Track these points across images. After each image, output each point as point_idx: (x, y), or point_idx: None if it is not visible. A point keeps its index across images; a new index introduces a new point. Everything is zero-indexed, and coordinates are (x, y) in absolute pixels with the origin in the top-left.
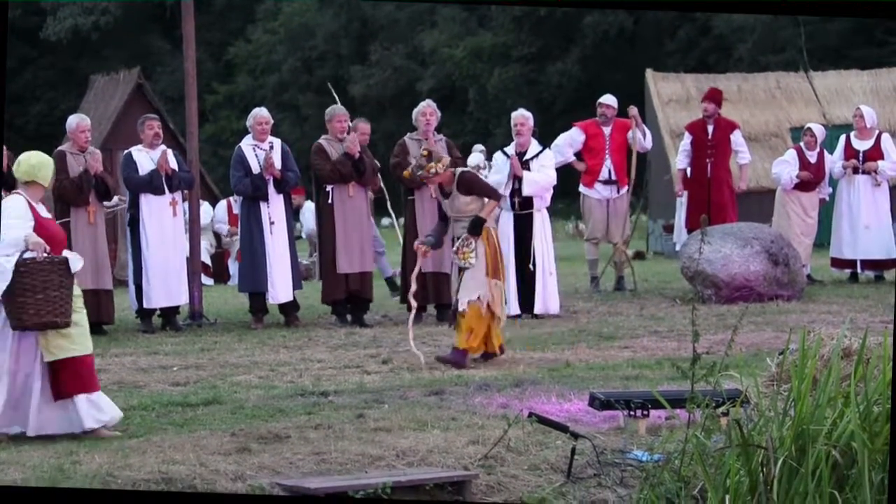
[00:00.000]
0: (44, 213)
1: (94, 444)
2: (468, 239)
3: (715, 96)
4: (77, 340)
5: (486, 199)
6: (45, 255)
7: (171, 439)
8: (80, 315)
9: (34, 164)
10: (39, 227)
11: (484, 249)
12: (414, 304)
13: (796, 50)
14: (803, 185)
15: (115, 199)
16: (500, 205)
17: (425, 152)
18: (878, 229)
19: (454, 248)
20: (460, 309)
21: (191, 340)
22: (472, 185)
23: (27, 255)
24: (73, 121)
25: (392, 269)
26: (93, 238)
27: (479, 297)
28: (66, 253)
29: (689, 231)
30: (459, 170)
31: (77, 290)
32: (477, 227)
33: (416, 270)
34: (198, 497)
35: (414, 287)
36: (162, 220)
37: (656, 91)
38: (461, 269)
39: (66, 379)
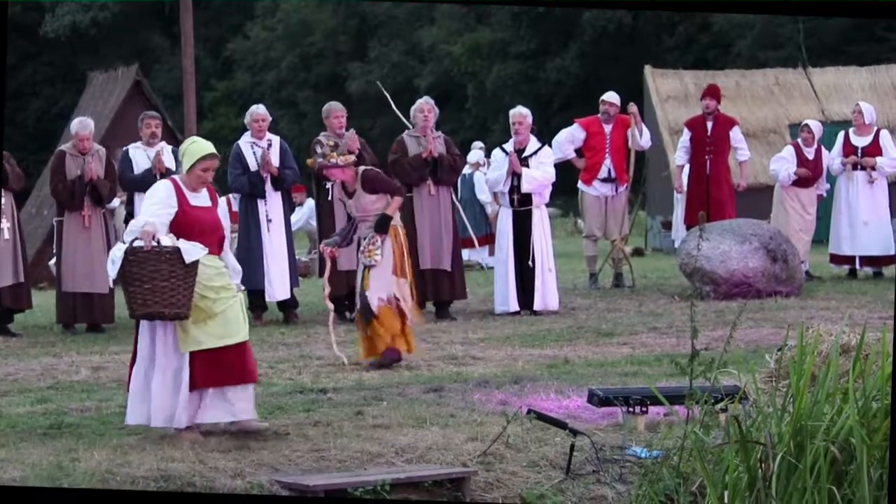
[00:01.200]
0: (198, 199)
1: (94, 442)
2: (375, 237)
3: (714, 92)
4: (214, 332)
5: (391, 197)
6: (155, 244)
7: (170, 437)
8: (222, 304)
9: (182, 149)
10: (183, 213)
11: (391, 247)
12: (330, 306)
13: (795, 46)
14: (801, 182)
15: (116, 200)
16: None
17: (331, 143)
18: (877, 226)
19: (360, 248)
20: (374, 310)
21: None
22: (376, 183)
23: (137, 242)
24: (74, 125)
25: None
26: (86, 242)
27: (387, 298)
28: (182, 242)
29: (689, 228)
30: (362, 168)
31: (224, 282)
32: (383, 224)
33: (327, 272)
34: (198, 497)
35: (327, 289)
36: None
37: (655, 88)
38: (367, 267)
39: (199, 370)
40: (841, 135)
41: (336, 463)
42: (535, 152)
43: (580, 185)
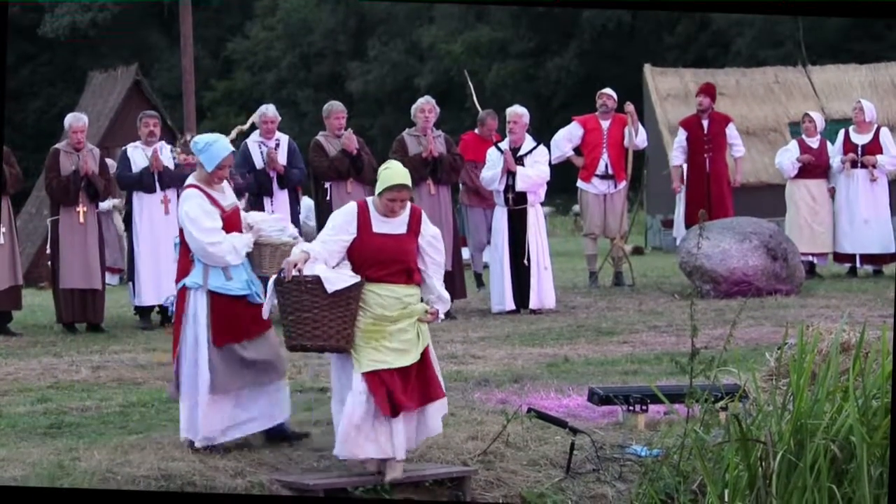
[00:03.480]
0: (387, 226)
1: (94, 441)
2: None
3: (709, 90)
4: (386, 355)
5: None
6: (296, 272)
7: (171, 436)
8: (400, 335)
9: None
10: (361, 241)
11: None
12: None
13: (794, 44)
14: (809, 173)
15: (108, 202)
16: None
17: (182, 142)
18: (878, 223)
19: None
20: None
21: None
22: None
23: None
24: (68, 119)
25: None
26: (82, 238)
27: None
28: (326, 271)
29: (689, 227)
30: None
31: (405, 311)
32: None
33: None
34: (198, 497)
35: None
36: (152, 217)
37: (654, 86)
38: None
39: (376, 394)
40: (841, 133)
41: (336, 462)
42: (531, 151)
43: (579, 183)
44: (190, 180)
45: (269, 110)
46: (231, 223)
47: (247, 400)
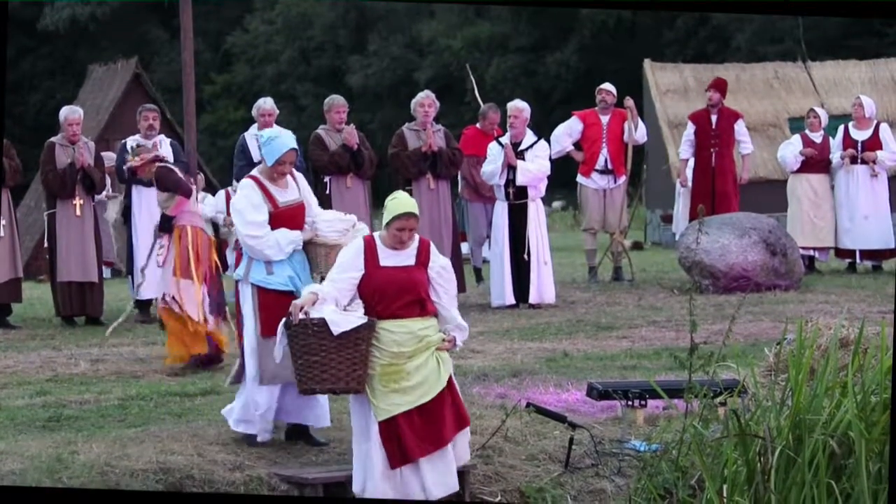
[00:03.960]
0: (395, 258)
1: (93, 434)
2: (162, 236)
3: (720, 86)
4: (405, 395)
5: (175, 196)
6: (303, 315)
7: (170, 429)
8: (417, 374)
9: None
10: (369, 276)
11: (174, 248)
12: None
13: (794, 40)
14: (811, 167)
15: (104, 194)
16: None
17: (135, 145)
18: (877, 219)
19: None
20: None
21: None
22: (166, 182)
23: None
24: (63, 112)
25: None
26: (79, 231)
27: (164, 297)
28: (331, 313)
29: (693, 220)
30: (157, 166)
31: (419, 345)
32: (164, 224)
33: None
34: (197, 497)
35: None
36: (151, 211)
37: (654, 81)
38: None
39: (387, 445)
40: (841, 128)
41: (335, 456)
42: (532, 146)
43: (579, 177)
44: (254, 171)
45: (265, 103)
46: (286, 219)
47: (289, 394)
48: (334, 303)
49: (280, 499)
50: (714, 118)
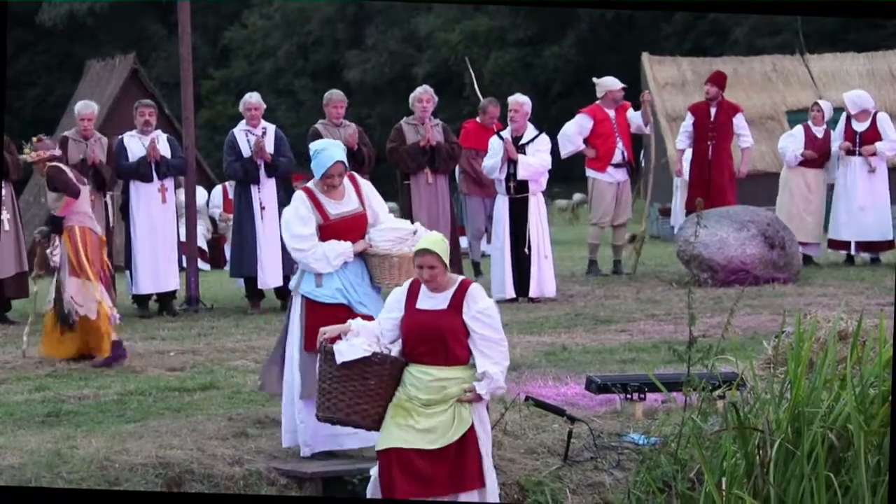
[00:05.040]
0: (430, 301)
1: (92, 429)
2: (52, 237)
3: (718, 79)
4: (409, 433)
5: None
6: (323, 341)
7: (169, 424)
8: (427, 420)
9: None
10: (407, 318)
11: (65, 248)
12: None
13: (793, 33)
14: (808, 162)
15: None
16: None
17: (36, 139)
18: (874, 210)
19: None
20: (47, 310)
21: (187, 325)
22: (51, 180)
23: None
24: (77, 107)
25: None
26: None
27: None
28: (340, 343)
29: (688, 213)
30: (49, 165)
31: (441, 395)
32: (54, 224)
33: (36, 268)
34: (198, 497)
35: (35, 287)
36: (150, 206)
37: (652, 75)
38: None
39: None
40: (843, 118)
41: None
42: (533, 140)
43: (591, 172)
44: (309, 183)
45: (251, 97)
46: (339, 231)
47: None
48: (375, 339)
49: (280, 498)
50: (713, 111)
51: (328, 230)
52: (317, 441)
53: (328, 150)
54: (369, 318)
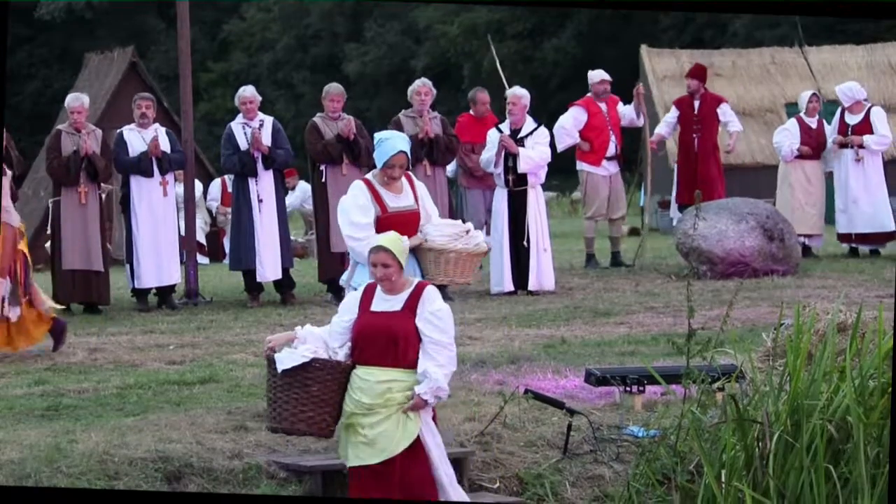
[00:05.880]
0: (386, 303)
1: (91, 423)
2: None
3: (697, 73)
4: (361, 450)
5: None
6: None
7: (168, 418)
8: (375, 428)
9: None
10: (358, 321)
11: None
12: None
13: (791, 25)
14: (805, 155)
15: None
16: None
17: None
18: (869, 203)
19: None
20: None
21: (187, 319)
22: None
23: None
24: (67, 100)
25: None
26: (83, 219)
27: None
28: (284, 350)
29: (680, 206)
30: None
31: (385, 398)
32: None
33: None
34: (198, 497)
35: None
36: (152, 200)
37: (651, 67)
38: None
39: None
40: (838, 112)
41: (334, 443)
42: (531, 133)
43: (585, 166)
44: (368, 174)
45: (245, 91)
46: (395, 224)
47: None
48: (323, 344)
49: (279, 498)
50: (697, 104)
51: (385, 222)
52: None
53: (392, 139)
54: None
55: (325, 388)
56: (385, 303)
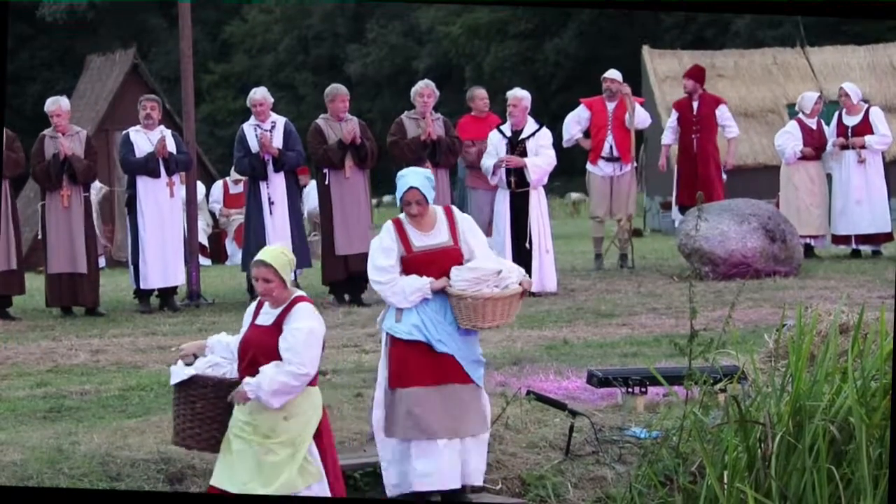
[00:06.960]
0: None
1: (93, 425)
2: None
3: (694, 74)
4: (220, 471)
5: None
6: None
7: (170, 419)
8: (234, 444)
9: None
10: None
11: None
12: None
13: (793, 25)
14: (808, 156)
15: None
16: None
17: None
18: (870, 204)
19: None
20: None
21: (189, 321)
22: None
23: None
24: (46, 104)
25: None
26: (66, 222)
27: None
28: (177, 365)
29: (680, 207)
30: None
31: (248, 418)
32: None
33: None
34: (198, 497)
35: None
36: (158, 201)
37: (653, 68)
38: None
39: None
40: (835, 115)
41: (336, 444)
42: (533, 134)
43: (588, 165)
44: (401, 214)
45: (255, 93)
46: (420, 264)
47: (421, 452)
48: (230, 354)
49: (279, 498)
50: (695, 105)
51: (409, 262)
52: (403, 481)
53: (406, 176)
54: (450, 357)
55: (208, 404)
56: (265, 316)
